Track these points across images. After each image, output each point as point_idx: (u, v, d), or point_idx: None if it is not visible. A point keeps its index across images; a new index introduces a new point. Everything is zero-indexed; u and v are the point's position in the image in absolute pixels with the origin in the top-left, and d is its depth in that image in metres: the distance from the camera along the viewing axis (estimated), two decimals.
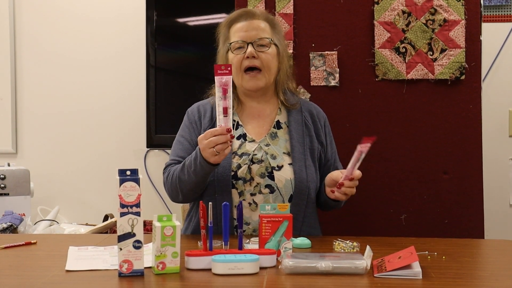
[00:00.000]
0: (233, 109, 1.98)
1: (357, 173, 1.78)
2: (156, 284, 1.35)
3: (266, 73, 1.96)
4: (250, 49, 1.94)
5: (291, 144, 1.96)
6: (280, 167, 1.92)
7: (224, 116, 1.70)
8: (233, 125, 1.99)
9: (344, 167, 2.13)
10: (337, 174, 1.86)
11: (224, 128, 1.70)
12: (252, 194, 1.90)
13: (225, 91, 1.68)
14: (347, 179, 1.78)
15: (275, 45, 1.99)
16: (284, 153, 1.95)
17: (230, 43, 1.97)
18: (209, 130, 1.73)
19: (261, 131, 2.00)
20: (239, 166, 1.91)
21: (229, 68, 1.68)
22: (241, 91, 2.03)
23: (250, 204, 1.90)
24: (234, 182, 1.90)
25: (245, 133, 1.98)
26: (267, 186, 1.90)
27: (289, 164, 1.93)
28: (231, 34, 1.99)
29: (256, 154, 1.93)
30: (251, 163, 1.92)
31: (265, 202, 1.89)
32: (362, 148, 1.67)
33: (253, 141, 1.97)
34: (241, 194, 1.90)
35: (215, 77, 1.69)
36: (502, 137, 3.00)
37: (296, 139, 1.97)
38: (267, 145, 1.95)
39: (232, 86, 2.01)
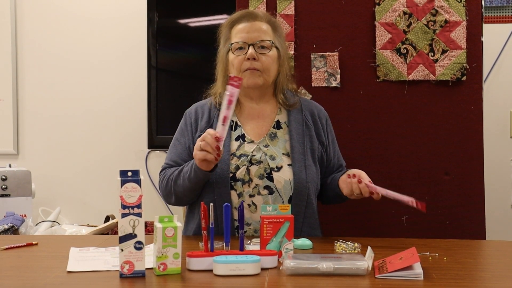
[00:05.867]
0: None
1: (378, 196, 1.82)
2: (158, 285, 1.35)
3: (266, 74, 1.97)
4: (251, 50, 1.94)
5: (290, 145, 1.96)
6: (279, 168, 1.92)
7: (222, 125, 1.72)
8: (232, 126, 1.99)
9: (348, 163, 2.14)
10: (364, 175, 1.88)
11: (214, 134, 1.72)
12: (251, 196, 1.90)
13: (230, 102, 1.72)
14: (371, 189, 1.80)
15: (276, 48, 1.99)
16: (283, 154, 1.95)
17: (231, 44, 1.98)
18: (203, 135, 1.75)
19: (261, 131, 2.00)
20: (237, 168, 1.91)
21: (239, 82, 1.73)
22: (240, 91, 2.03)
23: (249, 205, 1.90)
24: (232, 183, 1.90)
25: (244, 134, 1.98)
26: (266, 187, 1.90)
27: (288, 165, 1.93)
28: (232, 34, 1.99)
29: (254, 155, 1.93)
30: (250, 164, 1.92)
31: (265, 203, 1.89)
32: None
33: (252, 142, 1.97)
34: (240, 195, 1.90)
35: (227, 85, 1.73)
36: (503, 138, 3.01)
37: (296, 139, 1.97)
38: (266, 146, 1.95)
39: None
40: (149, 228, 2.45)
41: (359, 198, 1.87)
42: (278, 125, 2.01)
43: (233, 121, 2.00)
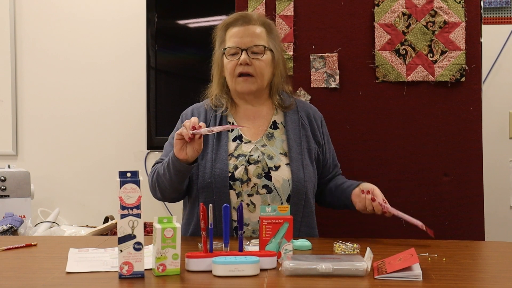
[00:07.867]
0: (227, 111, 2.00)
1: (390, 214, 1.86)
2: (157, 286, 1.35)
3: (259, 79, 1.97)
4: (244, 56, 1.94)
5: (288, 144, 1.97)
6: (277, 167, 1.92)
7: (209, 132, 1.73)
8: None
9: (342, 165, 2.14)
10: (377, 192, 1.90)
11: (191, 124, 1.71)
12: (249, 195, 1.91)
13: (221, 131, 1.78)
14: (384, 208, 1.83)
15: (271, 50, 1.99)
16: (281, 153, 1.96)
17: (225, 48, 1.98)
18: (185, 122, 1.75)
19: (257, 132, 2.00)
20: (235, 167, 1.91)
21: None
22: (235, 94, 2.04)
23: (248, 205, 1.90)
24: (231, 183, 1.90)
25: (241, 135, 1.99)
26: (264, 186, 1.91)
27: (286, 164, 1.94)
28: (227, 38, 1.99)
29: (252, 155, 1.93)
30: (248, 164, 1.92)
31: (263, 202, 1.90)
32: None
33: (249, 142, 1.97)
34: (238, 195, 1.91)
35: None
36: (503, 139, 3.00)
37: (293, 139, 1.98)
38: (264, 145, 1.96)
39: (226, 88, 2.03)
40: (148, 229, 2.45)
41: (369, 213, 1.90)
42: (275, 125, 2.01)
43: (229, 122, 2.01)
